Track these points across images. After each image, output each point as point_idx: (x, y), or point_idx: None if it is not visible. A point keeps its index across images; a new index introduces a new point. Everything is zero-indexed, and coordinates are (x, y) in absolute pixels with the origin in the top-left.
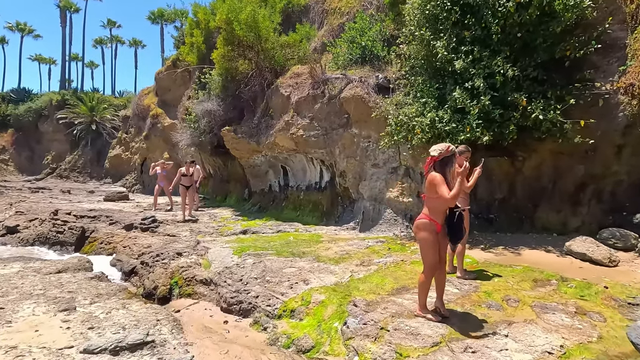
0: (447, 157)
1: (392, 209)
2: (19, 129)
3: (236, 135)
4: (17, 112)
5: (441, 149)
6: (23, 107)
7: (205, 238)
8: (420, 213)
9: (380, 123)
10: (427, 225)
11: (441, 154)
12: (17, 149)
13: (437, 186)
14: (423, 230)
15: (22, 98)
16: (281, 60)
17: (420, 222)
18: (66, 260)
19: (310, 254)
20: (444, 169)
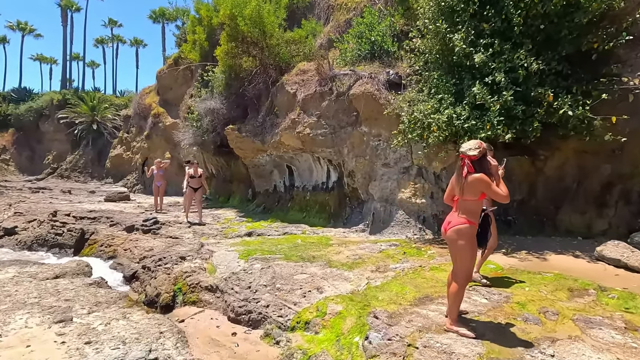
0: (485, 156)
1: (404, 211)
2: (20, 128)
3: (240, 134)
4: (18, 112)
5: (478, 146)
6: (24, 106)
7: (209, 240)
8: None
9: (392, 121)
10: (471, 230)
11: (480, 152)
12: (18, 149)
13: (489, 186)
14: (466, 236)
15: (23, 97)
16: (286, 57)
17: (464, 227)
18: (64, 264)
19: (321, 259)
20: (483, 168)
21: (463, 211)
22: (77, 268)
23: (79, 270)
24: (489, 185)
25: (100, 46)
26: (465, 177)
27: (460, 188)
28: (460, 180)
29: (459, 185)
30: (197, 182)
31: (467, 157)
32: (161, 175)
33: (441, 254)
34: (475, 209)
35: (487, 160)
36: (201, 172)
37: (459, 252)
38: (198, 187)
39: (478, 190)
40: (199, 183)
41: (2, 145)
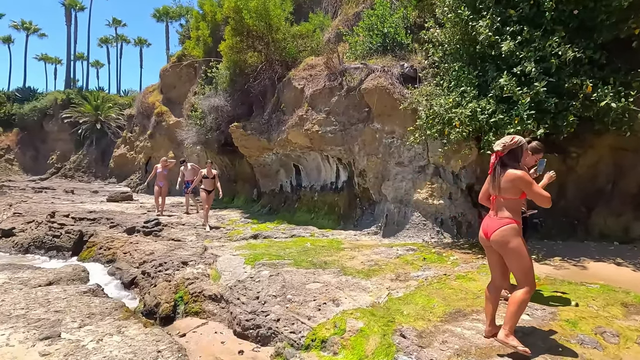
0: (515, 151)
1: (420, 212)
2: (24, 128)
3: (245, 132)
4: (22, 112)
5: (505, 141)
6: (28, 106)
7: (213, 243)
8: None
9: (407, 116)
10: (518, 230)
11: (506, 147)
12: (22, 149)
13: (529, 186)
14: (517, 236)
15: (27, 97)
16: (293, 51)
17: (511, 226)
18: (59, 269)
19: (334, 265)
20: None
21: (504, 211)
22: (73, 273)
23: (74, 275)
24: (530, 184)
25: (104, 46)
26: (498, 175)
27: (495, 186)
28: (493, 178)
29: (493, 183)
30: (210, 183)
31: (495, 153)
32: (165, 175)
33: (465, 261)
34: (517, 208)
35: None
36: (215, 173)
37: (514, 255)
38: (212, 190)
39: (518, 189)
40: (213, 185)
41: (7, 145)
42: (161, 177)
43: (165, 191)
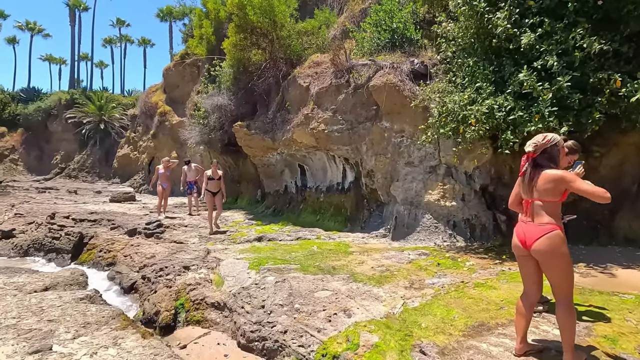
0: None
1: (431, 215)
2: (28, 128)
3: (249, 131)
4: (27, 112)
5: (537, 141)
6: (32, 106)
7: (216, 246)
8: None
9: (417, 115)
10: (564, 237)
11: (538, 147)
12: (27, 149)
13: (576, 183)
14: (564, 244)
15: (31, 97)
16: (298, 49)
17: (556, 233)
18: (57, 273)
19: (343, 270)
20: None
21: (543, 216)
22: (71, 278)
23: (72, 280)
24: (575, 182)
25: (108, 46)
26: (531, 177)
27: (528, 189)
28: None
29: (525, 186)
30: (215, 185)
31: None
32: (167, 176)
33: (482, 267)
34: (557, 212)
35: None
36: (221, 174)
37: (560, 266)
38: (217, 192)
39: (558, 191)
40: (219, 186)
41: (11, 145)
42: (163, 178)
43: (168, 192)
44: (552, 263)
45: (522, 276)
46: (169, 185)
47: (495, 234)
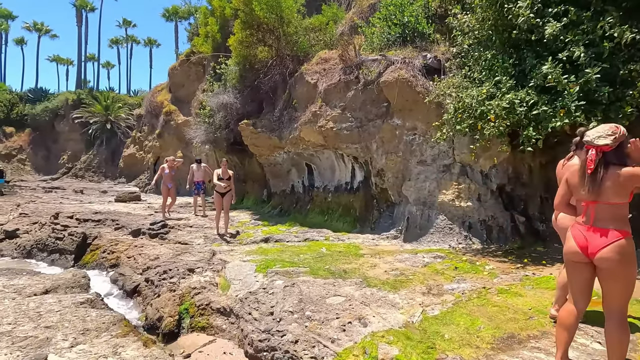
0: (622, 144)
1: (445, 215)
2: (36, 128)
3: (255, 130)
4: (34, 112)
5: (611, 132)
6: (40, 106)
7: (222, 247)
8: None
9: (430, 111)
10: (634, 244)
11: (617, 139)
12: (34, 149)
13: None
14: (634, 252)
15: (39, 98)
16: (305, 45)
17: (628, 241)
18: (58, 275)
19: (355, 274)
20: (623, 162)
21: (611, 219)
22: (73, 280)
23: (74, 282)
24: None
25: (114, 46)
26: (602, 175)
27: (594, 190)
28: (592, 179)
29: (590, 185)
30: (225, 185)
31: (595, 147)
32: (172, 176)
33: (504, 271)
34: (626, 214)
35: (623, 150)
36: (231, 174)
37: (626, 276)
38: (227, 192)
39: (629, 190)
40: (228, 186)
41: (19, 145)
42: (168, 178)
43: (174, 193)
44: (619, 273)
45: (571, 284)
46: (173, 185)
47: (514, 236)
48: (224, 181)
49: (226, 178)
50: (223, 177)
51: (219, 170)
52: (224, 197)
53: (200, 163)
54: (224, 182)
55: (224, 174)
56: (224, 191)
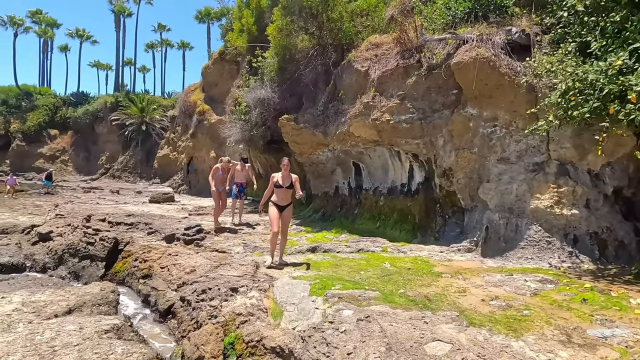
0: None
1: (540, 226)
2: (77, 130)
3: (297, 125)
4: (76, 115)
5: None
6: (81, 109)
7: (265, 258)
8: None
9: (519, 97)
10: None
11: None
12: (76, 150)
13: None
14: None
15: (80, 101)
16: (351, 32)
17: None
18: (85, 289)
19: (443, 303)
20: None
21: None
22: (100, 296)
23: (101, 299)
24: None
25: (150, 51)
26: None
27: None
28: None
29: None
30: (284, 195)
31: None
32: (226, 179)
33: None
34: None
35: None
36: (295, 179)
37: None
38: (286, 205)
39: None
40: (288, 197)
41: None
42: (221, 181)
43: (225, 198)
44: None
45: None
46: (224, 189)
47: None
48: (283, 190)
49: (287, 185)
50: (283, 184)
51: (277, 174)
52: (282, 211)
53: (245, 162)
54: (284, 192)
55: (285, 179)
56: (285, 203)
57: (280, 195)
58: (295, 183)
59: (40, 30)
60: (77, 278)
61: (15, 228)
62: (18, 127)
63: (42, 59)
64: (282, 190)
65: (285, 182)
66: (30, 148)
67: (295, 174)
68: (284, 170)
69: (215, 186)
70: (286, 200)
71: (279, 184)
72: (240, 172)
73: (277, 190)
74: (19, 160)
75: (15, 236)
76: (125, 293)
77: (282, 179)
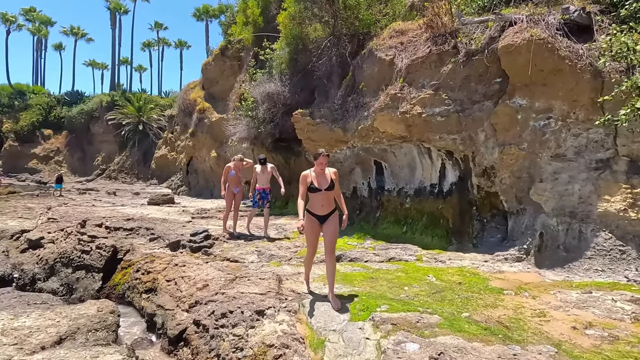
0: None
1: (611, 233)
2: (72, 130)
3: (313, 120)
4: (71, 114)
5: None
6: (76, 109)
7: (284, 268)
8: None
9: (581, 83)
10: None
11: None
12: (70, 150)
13: None
14: None
15: (75, 100)
16: (368, 20)
17: None
18: (79, 310)
19: (526, 332)
20: None
21: None
22: (97, 319)
23: (98, 322)
24: None
25: (147, 50)
26: None
27: None
28: None
29: None
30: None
31: None
32: (239, 179)
33: None
34: None
35: None
36: (334, 176)
37: None
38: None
39: None
40: (331, 203)
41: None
42: (235, 182)
43: (239, 202)
44: None
45: None
46: (240, 191)
47: None
48: (322, 194)
49: (326, 187)
50: (320, 185)
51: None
52: (323, 222)
53: (265, 164)
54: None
55: (321, 180)
56: (325, 212)
57: (318, 201)
58: (335, 182)
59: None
60: (70, 291)
61: (3, 233)
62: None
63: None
64: (321, 195)
65: (323, 183)
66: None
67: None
68: (320, 167)
69: (229, 188)
70: (327, 207)
71: (314, 186)
72: (262, 175)
73: (314, 196)
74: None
75: (2, 242)
76: (127, 314)
77: (317, 179)
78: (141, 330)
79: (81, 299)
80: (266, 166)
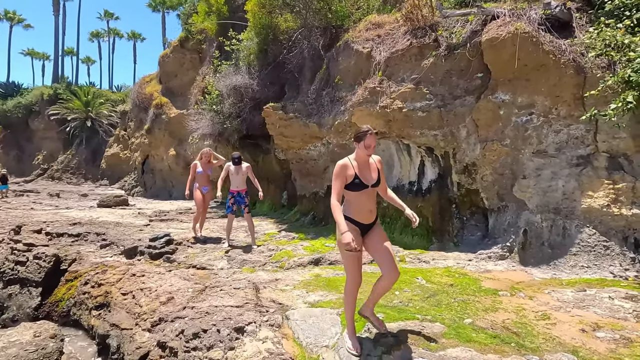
0: None
1: (595, 228)
2: (7, 126)
3: (286, 115)
4: (5, 108)
5: None
6: (11, 102)
7: (260, 275)
8: None
9: (564, 79)
10: None
11: None
12: (5, 148)
13: None
14: None
15: (11, 93)
16: (342, 12)
17: None
18: (9, 337)
19: (537, 339)
20: None
21: None
22: (33, 347)
23: (35, 352)
24: None
25: (95, 40)
26: None
27: None
28: None
29: None
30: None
31: None
32: (209, 177)
33: None
34: None
35: None
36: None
37: None
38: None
39: None
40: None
41: None
42: (204, 180)
43: (209, 202)
44: None
45: None
46: (210, 190)
47: None
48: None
49: (373, 183)
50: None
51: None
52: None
53: (240, 163)
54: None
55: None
56: (371, 220)
57: (362, 203)
58: (382, 174)
59: None
60: (0, 311)
61: None
62: None
63: None
64: (366, 194)
65: (368, 177)
66: None
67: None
68: (368, 151)
69: (198, 187)
70: (374, 211)
71: (360, 180)
72: (237, 176)
73: (355, 196)
74: None
75: None
76: (72, 336)
77: (361, 170)
78: (91, 355)
79: (14, 319)
80: (241, 166)
